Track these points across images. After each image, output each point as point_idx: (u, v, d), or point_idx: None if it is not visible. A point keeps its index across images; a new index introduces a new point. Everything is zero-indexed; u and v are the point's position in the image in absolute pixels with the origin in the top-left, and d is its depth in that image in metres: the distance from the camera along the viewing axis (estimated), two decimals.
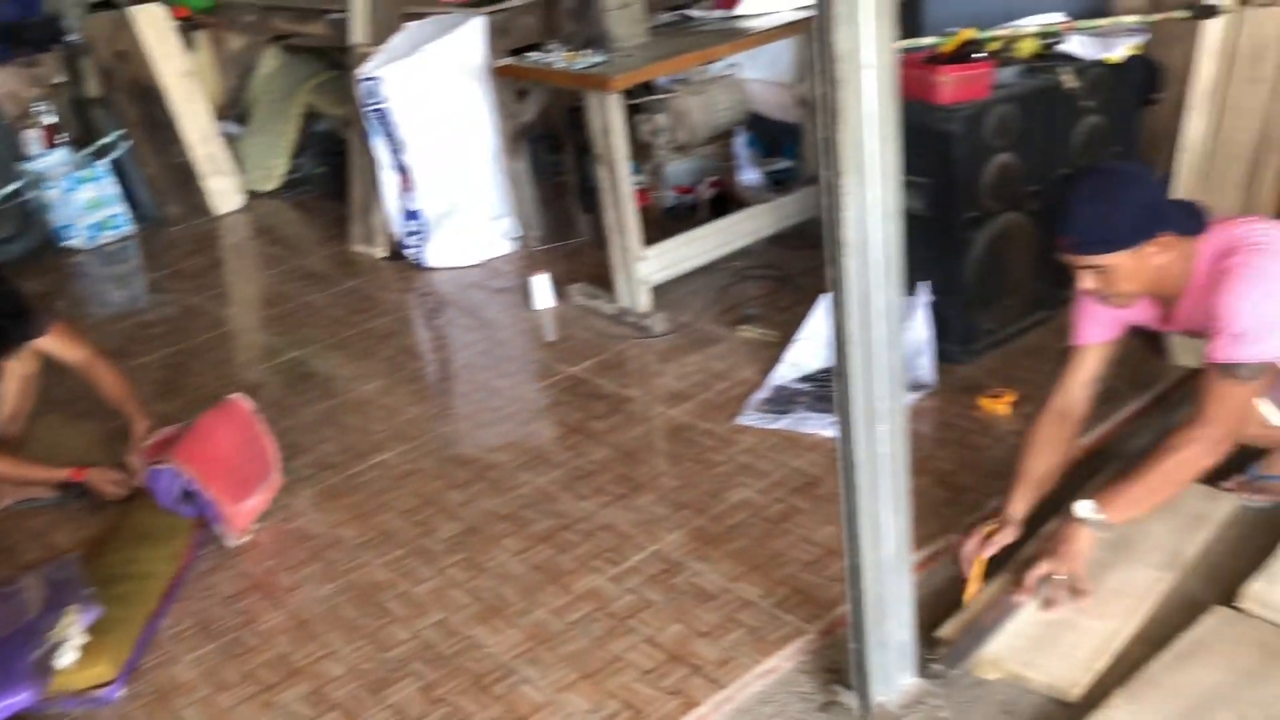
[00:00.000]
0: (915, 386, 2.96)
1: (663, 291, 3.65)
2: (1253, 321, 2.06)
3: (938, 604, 2.26)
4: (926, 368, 2.98)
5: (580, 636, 2.27)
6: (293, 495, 2.88)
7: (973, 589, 2.22)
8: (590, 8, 3.39)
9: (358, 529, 2.73)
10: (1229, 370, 2.09)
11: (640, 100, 3.49)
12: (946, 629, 2.15)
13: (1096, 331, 2.34)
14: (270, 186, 5.45)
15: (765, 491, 2.64)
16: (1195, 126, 3.26)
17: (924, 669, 2.06)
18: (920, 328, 3.01)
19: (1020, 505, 2.31)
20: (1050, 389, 2.40)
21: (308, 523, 2.79)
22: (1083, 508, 2.16)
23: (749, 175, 4.38)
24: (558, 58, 3.39)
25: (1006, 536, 2.27)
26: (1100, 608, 2.15)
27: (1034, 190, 3.02)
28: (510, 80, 3.94)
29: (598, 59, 3.32)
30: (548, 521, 2.64)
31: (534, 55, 3.53)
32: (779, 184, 4.23)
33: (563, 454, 2.91)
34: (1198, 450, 2.10)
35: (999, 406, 2.82)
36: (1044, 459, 2.33)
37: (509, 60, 3.70)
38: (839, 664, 2.08)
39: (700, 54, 3.35)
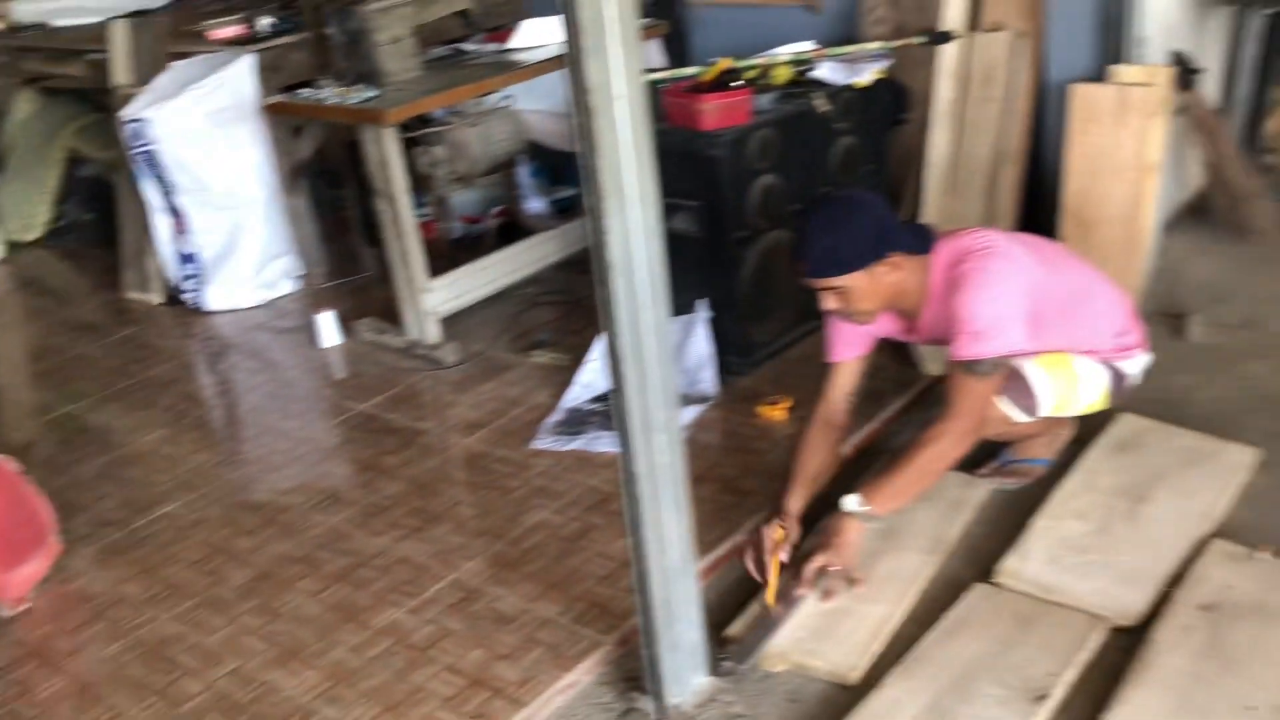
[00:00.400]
0: (700, 399, 3.08)
1: (453, 322, 3.66)
2: (987, 320, 2.26)
3: (726, 604, 2.37)
4: (709, 380, 3.11)
5: (380, 671, 2.26)
6: (72, 556, 2.75)
7: (774, 590, 2.32)
8: (361, 43, 3.40)
9: (143, 584, 2.63)
10: (970, 367, 2.28)
11: (417, 133, 3.50)
12: (735, 627, 2.25)
13: (847, 349, 2.53)
14: (32, 236, 5.16)
15: (561, 511, 2.70)
16: (938, 143, 3.53)
17: (716, 667, 2.15)
18: (701, 343, 3.14)
19: (796, 501, 2.45)
20: (819, 395, 2.55)
21: (89, 582, 2.67)
22: (850, 502, 2.31)
23: (534, 204, 4.46)
24: (330, 93, 3.37)
25: (791, 533, 2.40)
26: (874, 593, 2.30)
27: (797, 209, 3.20)
28: (285, 117, 3.88)
29: (370, 93, 3.32)
30: (343, 560, 2.62)
31: (305, 92, 3.49)
32: (564, 211, 4.32)
33: (356, 492, 2.89)
34: (948, 442, 2.29)
35: (776, 413, 2.97)
36: (814, 460, 2.49)
37: (281, 97, 3.66)
38: (636, 671, 2.15)
39: (474, 86, 3.40)
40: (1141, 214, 3.20)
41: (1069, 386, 2.50)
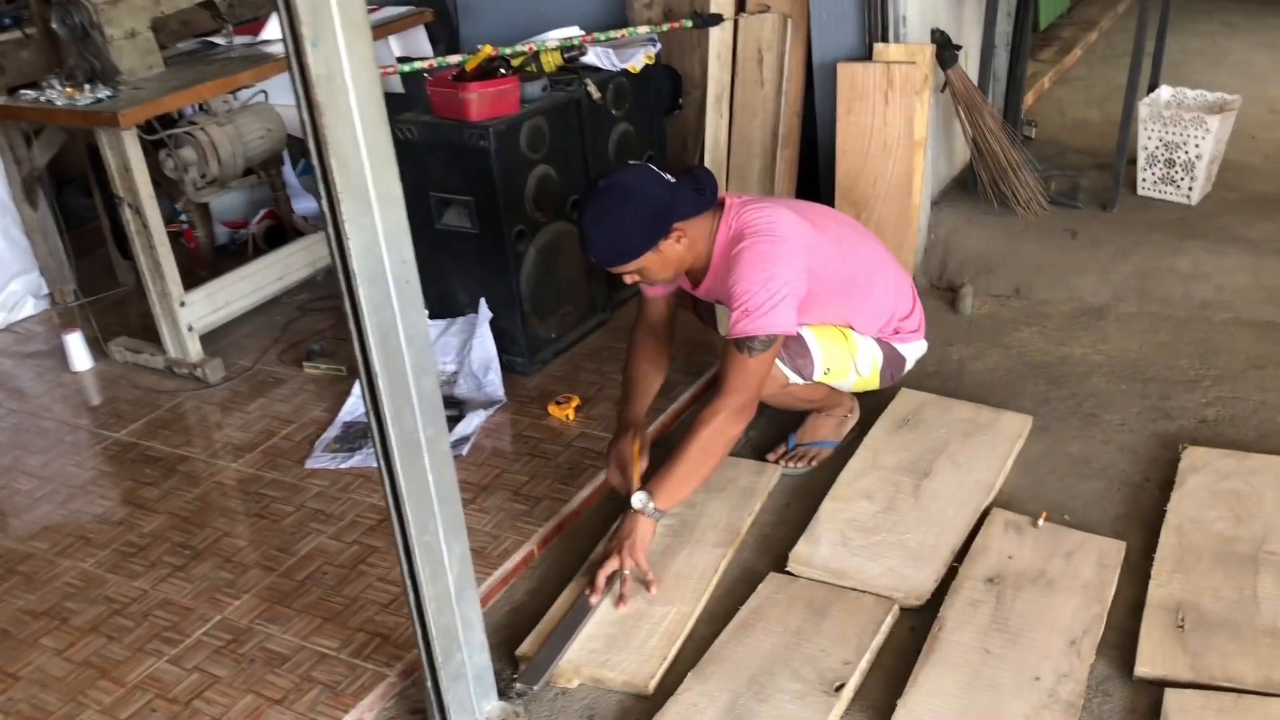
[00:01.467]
0: (487, 403, 2.95)
1: (217, 336, 3.41)
2: (759, 300, 2.23)
3: (519, 619, 2.26)
4: (495, 383, 2.99)
5: None
6: None
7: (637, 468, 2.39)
8: (90, 39, 3.10)
9: None
10: (742, 345, 2.24)
11: (161, 135, 3.23)
12: (526, 645, 2.14)
13: (657, 290, 2.54)
14: None
15: (338, 536, 2.53)
16: (714, 127, 3.50)
17: (507, 690, 2.04)
18: (485, 344, 3.01)
19: (637, 407, 2.52)
20: (635, 321, 2.61)
21: None
22: (637, 499, 2.23)
23: (303, 204, 4.21)
24: (57, 94, 3.06)
25: (645, 441, 2.47)
26: (668, 594, 2.23)
27: (576, 199, 3.10)
28: (13, 122, 3.52)
29: (104, 94, 3.03)
30: (95, 609, 2.37)
31: (30, 93, 3.16)
32: None
33: (110, 531, 2.63)
34: (722, 420, 2.25)
35: (566, 413, 2.88)
36: (644, 368, 2.56)
37: (3, 100, 3.30)
38: (422, 704, 2.01)
39: (221, 82, 3.15)
40: (912, 191, 3.25)
41: (843, 355, 2.50)
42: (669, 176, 2.29)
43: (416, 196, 3.04)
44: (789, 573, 2.27)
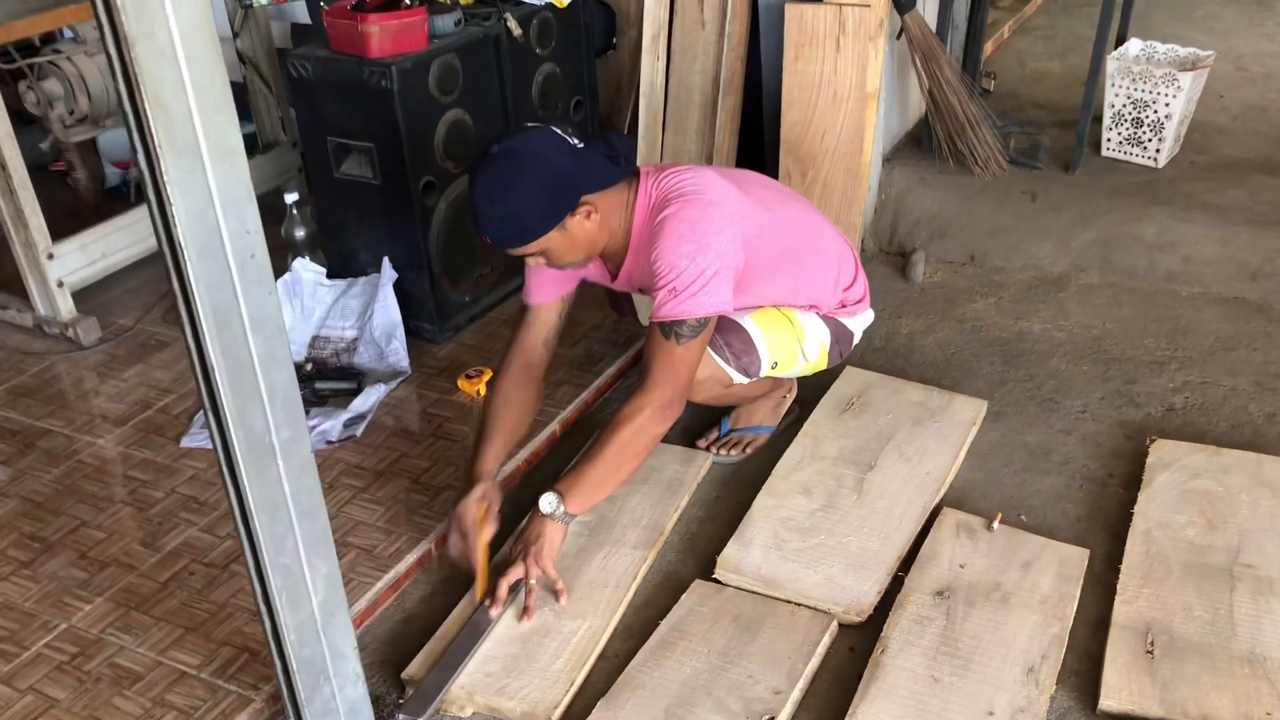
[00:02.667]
0: (388, 374, 2.66)
1: (95, 292, 3.07)
2: (689, 276, 1.95)
3: (410, 631, 1.99)
4: (399, 352, 2.69)
5: None
6: None
7: (484, 579, 1.98)
8: None
9: None
10: (670, 329, 1.97)
11: (20, 64, 2.86)
12: (414, 666, 1.88)
13: (546, 289, 2.19)
14: None
15: (210, 528, 2.23)
16: (649, 70, 3.19)
17: None
18: (388, 308, 2.71)
19: (491, 461, 2.09)
20: (511, 341, 2.22)
21: None
22: (546, 502, 1.97)
23: None
24: None
25: (493, 501, 2.05)
26: (579, 605, 1.97)
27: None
28: None
29: None
30: None
31: None
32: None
33: None
34: (646, 418, 1.97)
35: (477, 387, 2.59)
36: (511, 412, 2.14)
37: None
38: None
39: (84, 6, 2.77)
40: (863, 147, 2.98)
41: (790, 343, 2.24)
42: (576, 141, 1.96)
43: (314, 141, 2.72)
44: (716, 580, 2.02)
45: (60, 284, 2.90)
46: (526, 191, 1.89)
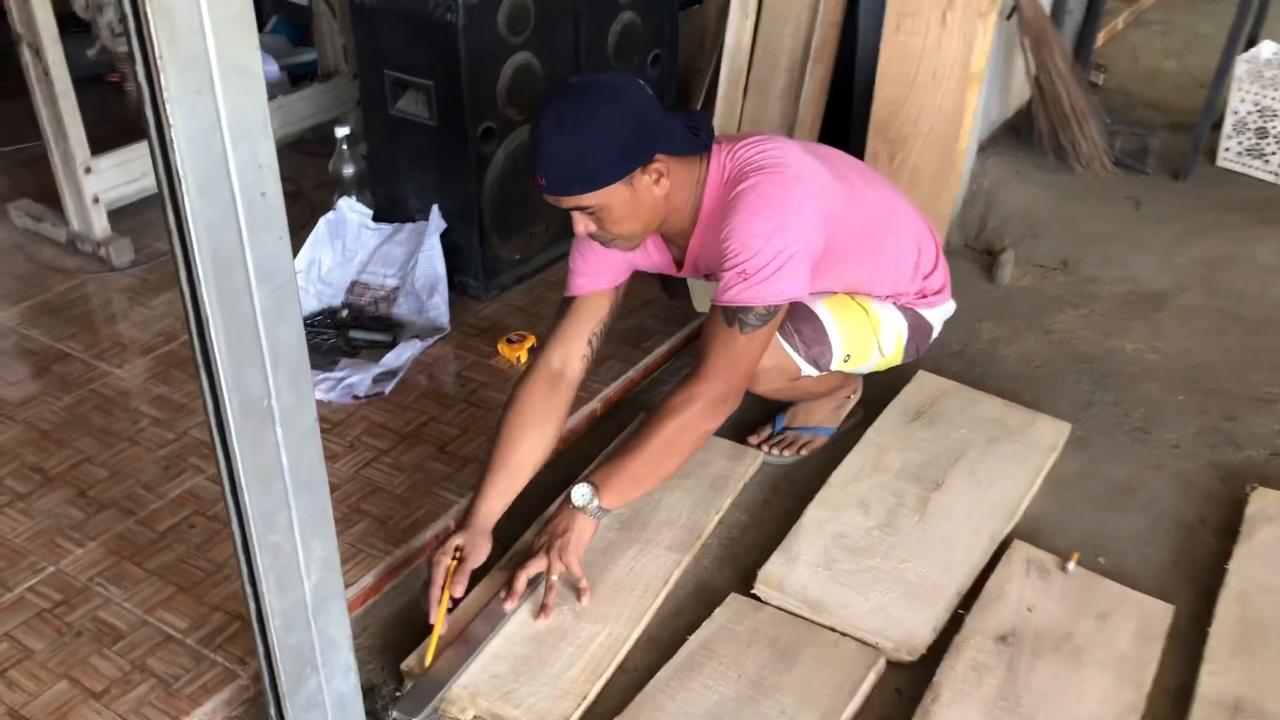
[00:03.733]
0: (427, 330, 2.49)
1: (137, 212, 2.93)
2: (763, 258, 1.75)
3: (417, 616, 1.82)
4: (440, 308, 2.52)
5: None
6: None
7: (433, 648, 1.69)
8: None
9: None
10: (734, 316, 1.77)
11: None
12: (414, 658, 1.71)
13: (595, 280, 1.95)
14: None
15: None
16: (736, 29, 2.97)
17: (382, 717, 1.62)
18: (433, 259, 2.54)
19: (494, 500, 1.84)
20: (543, 342, 2.00)
21: None
22: (579, 494, 1.78)
23: (266, 67, 3.68)
24: None
25: (475, 558, 1.79)
26: (602, 608, 1.79)
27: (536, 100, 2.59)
28: None
29: None
30: None
31: None
32: (302, 78, 3.57)
33: None
34: (697, 411, 1.78)
35: (518, 354, 2.41)
36: (525, 438, 1.88)
37: None
38: None
39: None
40: (960, 131, 2.74)
41: (866, 335, 2.04)
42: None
43: (371, 73, 2.55)
44: (755, 596, 1.84)
45: (96, 200, 2.76)
46: (603, 128, 1.68)
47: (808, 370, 2.00)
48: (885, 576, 1.86)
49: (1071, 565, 1.88)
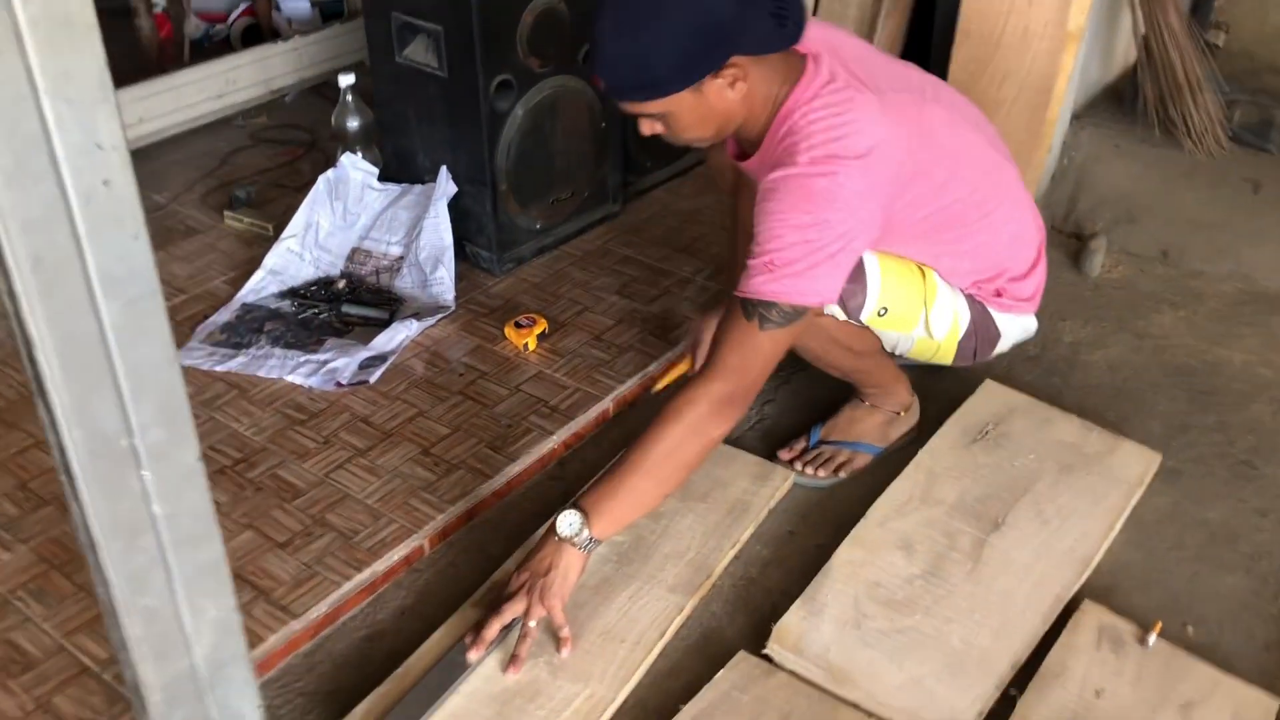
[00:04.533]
0: (430, 308, 2.22)
1: (138, 160, 2.68)
2: (795, 253, 1.47)
3: (374, 656, 1.58)
4: (445, 282, 2.25)
5: None
6: None
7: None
8: None
9: None
10: (754, 310, 1.50)
11: None
12: (358, 716, 1.46)
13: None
14: None
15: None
16: None
17: None
18: (440, 226, 2.26)
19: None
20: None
21: None
22: (566, 523, 1.51)
23: (296, 3, 3.42)
24: None
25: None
26: (584, 663, 1.52)
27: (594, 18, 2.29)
28: None
29: None
30: None
31: None
32: (332, 16, 3.30)
33: None
34: (702, 413, 1.52)
35: (525, 340, 2.13)
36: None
37: None
38: None
39: None
40: (1051, 99, 2.38)
41: (913, 298, 1.72)
42: None
43: (378, 15, 2.27)
44: (767, 657, 1.55)
45: None
46: (666, 31, 1.43)
47: (832, 310, 1.68)
48: (925, 640, 1.56)
49: (1153, 638, 1.56)
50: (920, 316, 1.74)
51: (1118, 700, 1.48)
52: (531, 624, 1.51)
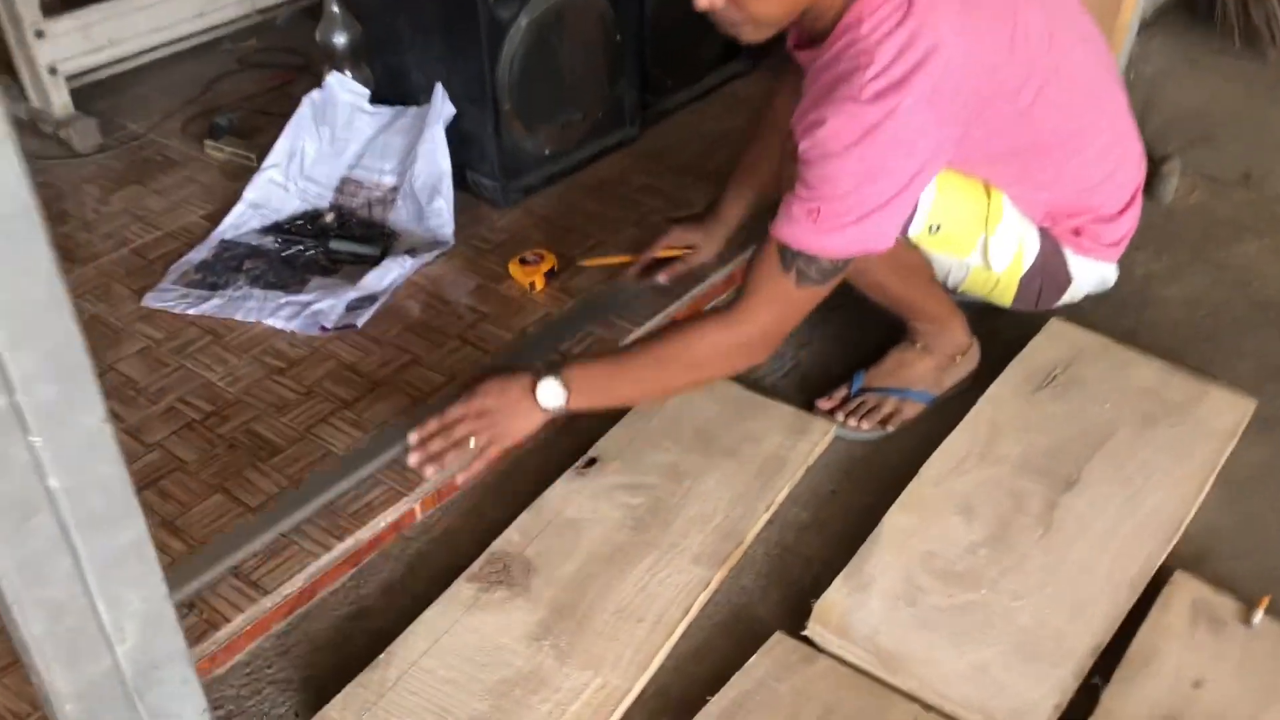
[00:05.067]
0: (426, 244, 2.00)
1: (115, 87, 2.49)
2: (846, 203, 1.27)
3: (354, 635, 1.39)
4: (443, 214, 2.02)
5: None
6: None
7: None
8: None
9: None
10: (793, 261, 1.29)
11: None
12: (334, 711, 1.26)
13: None
14: None
15: (137, 431, 1.65)
16: None
17: None
18: (436, 155, 2.03)
19: (732, 207, 1.81)
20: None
21: None
22: (548, 391, 1.39)
23: None
24: None
25: (708, 247, 1.82)
26: (596, 646, 1.32)
27: None
28: None
29: None
30: None
31: None
32: None
33: None
34: (727, 341, 1.39)
35: (532, 278, 1.91)
36: (769, 157, 1.67)
37: None
38: None
39: None
40: (1121, 4, 2.11)
41: (972, 219, 1.49)
42: None
43: None
44: (807, 639, 1.34)
45: (53, 71, 2.31)
46: None
47: None
48: (992, 620, 1.35)
49: (1258, 615, 1.34)
50: (978, 241, 1.51)
51: (1220, 691, 1.27)
52: (472, 445, 1.38)
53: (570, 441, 1.65)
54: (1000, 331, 1.78)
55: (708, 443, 1.58)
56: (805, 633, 1.34)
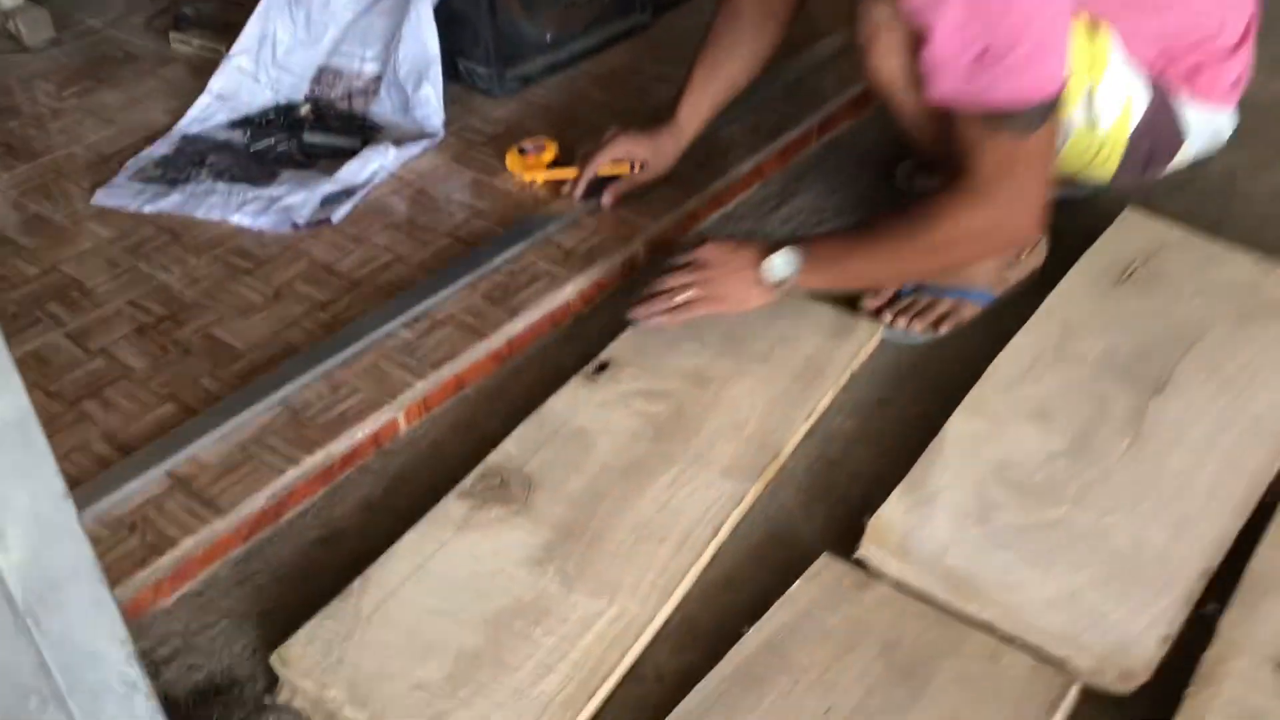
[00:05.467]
0: (412, 135, 1.78)
1: None
2: (1023, 49, 1.14)
3: (329, 559, 1.19)
4: (431, 103, 1.79)
5: None
6: None
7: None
8: None
9: None
10: (999, 125, 1.18)
11: None
12: (297, 646, 1.05)
13: None
14: None
15: (82, 336, 1.44)
16: None
17: None
18: (423, 37, 1.80)
19: (691, 113, 1.56)
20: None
21: None
22: (783, 261, 1.31)
23: None
24: None
25: (654, 166, 1.59)
26: (610, 570, 1.11)
27: None
28: None
29: None
30: None
31: None
32: None
33: None
34: (977, 226, 1.27)
35: (533, 172, 1.69)
36: (737, 47, 1.53)
37: None
38: None
39: None
40: None
41: (1078, 59, 1.28)
42: None
43: None
44: (859, 562, 1.13)
45: None
46: None
47: None
48: (1080, 539, 1.14)
49: None
50: (1083, 90, 1.32)
51: None
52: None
53: (577, 347, 1.44)
54: (1064, 226, 1.56)
55: (737, 346, 1.37)
56: (857, 555, 1.13)
